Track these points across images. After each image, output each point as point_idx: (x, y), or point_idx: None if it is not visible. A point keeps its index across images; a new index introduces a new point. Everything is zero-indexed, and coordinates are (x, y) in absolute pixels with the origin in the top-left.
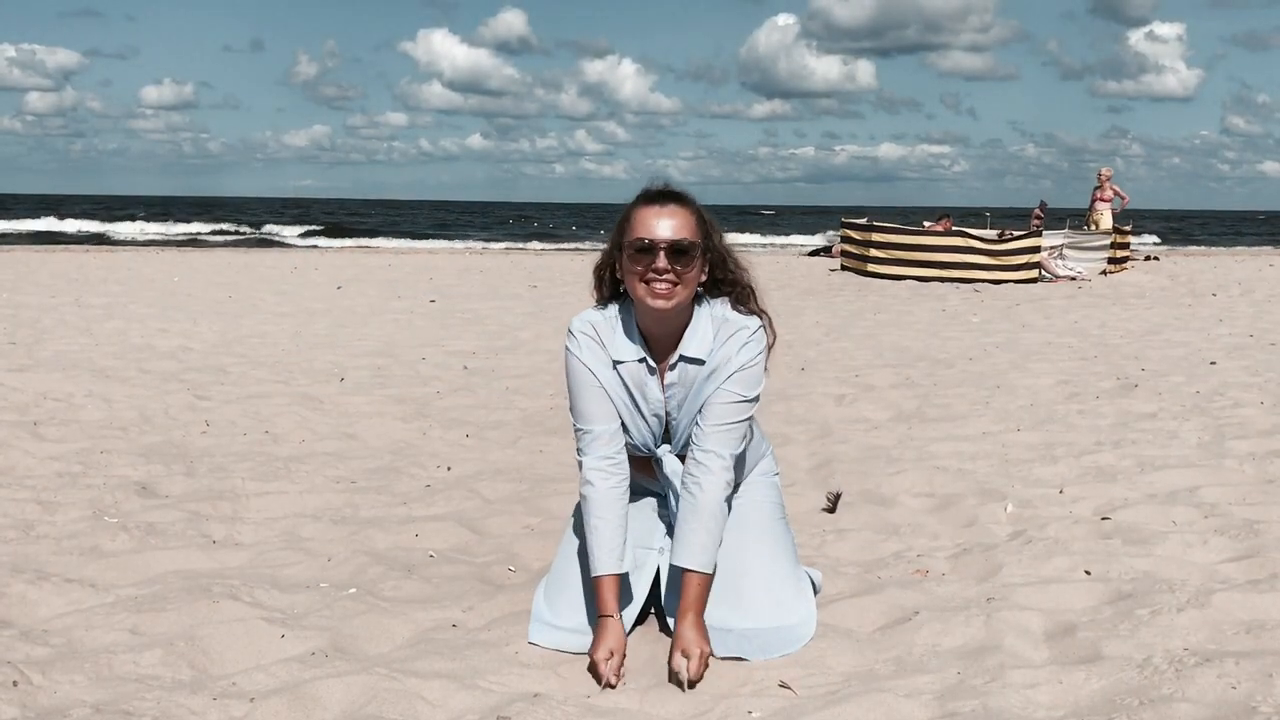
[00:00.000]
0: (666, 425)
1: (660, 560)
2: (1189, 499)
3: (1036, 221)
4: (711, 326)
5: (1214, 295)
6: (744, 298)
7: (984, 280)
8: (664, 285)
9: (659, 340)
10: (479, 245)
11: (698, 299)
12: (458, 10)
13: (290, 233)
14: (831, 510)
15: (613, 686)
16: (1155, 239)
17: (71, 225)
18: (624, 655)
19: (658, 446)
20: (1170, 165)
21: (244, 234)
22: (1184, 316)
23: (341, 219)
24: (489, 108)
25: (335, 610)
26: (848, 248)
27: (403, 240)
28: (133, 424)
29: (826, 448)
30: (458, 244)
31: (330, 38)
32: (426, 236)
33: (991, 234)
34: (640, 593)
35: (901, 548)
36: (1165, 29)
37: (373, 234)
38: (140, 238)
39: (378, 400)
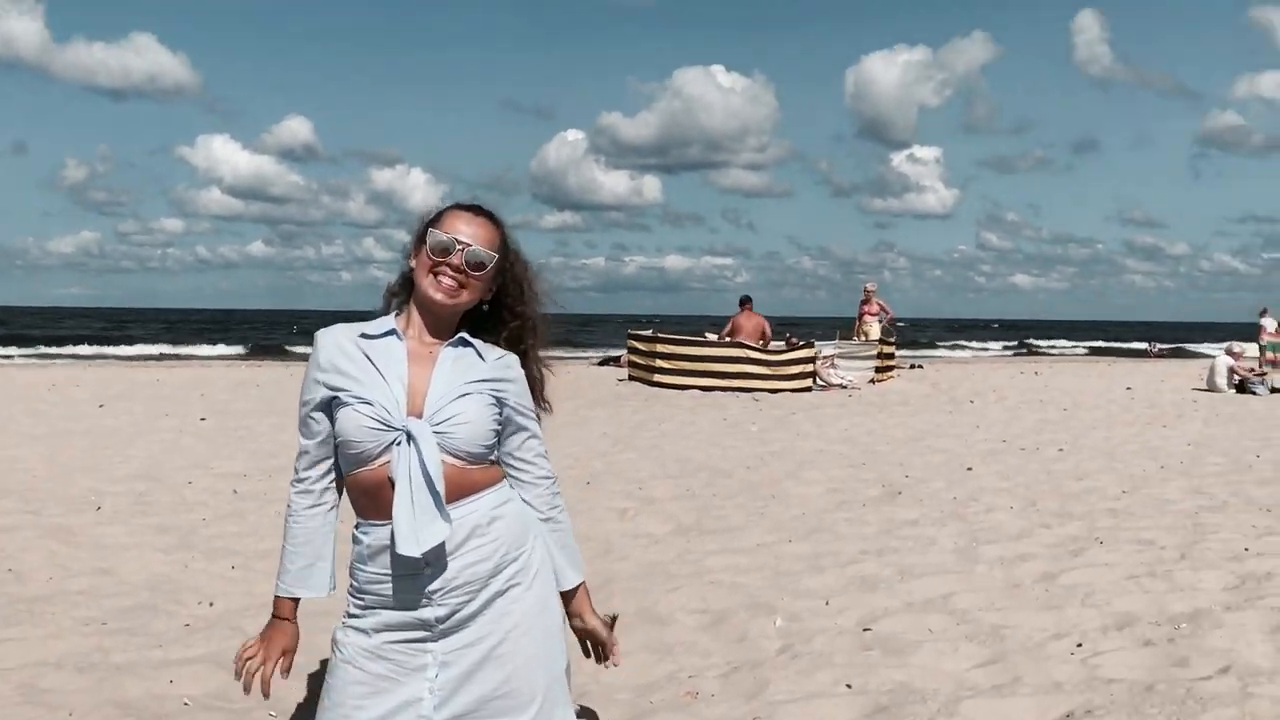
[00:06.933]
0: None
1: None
2: (943, 606)
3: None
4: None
5: (972, 402)
6: (515, 341)
7: (762, 389)
8: (451, 282)
9: (430, 327)
10: (254, 350)
11: (465, 340)
12: (240, 117)
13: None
14: None
15: (246, 689)
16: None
17: None
18: (292, 657)
19: (402, 417)
20: (933, 277)
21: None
22: (944, 423)
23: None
24: (272, 214)
25: None
26: (634, 358)
27: (169, 345)
28: None
29: (607, 566)
30: (238, 348)
31: (103, 142)
32: (208, 343)
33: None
34: None
35: (674, 669)
36: (924, 152)
37: (129, 342)
38: None
39: (137, 530)
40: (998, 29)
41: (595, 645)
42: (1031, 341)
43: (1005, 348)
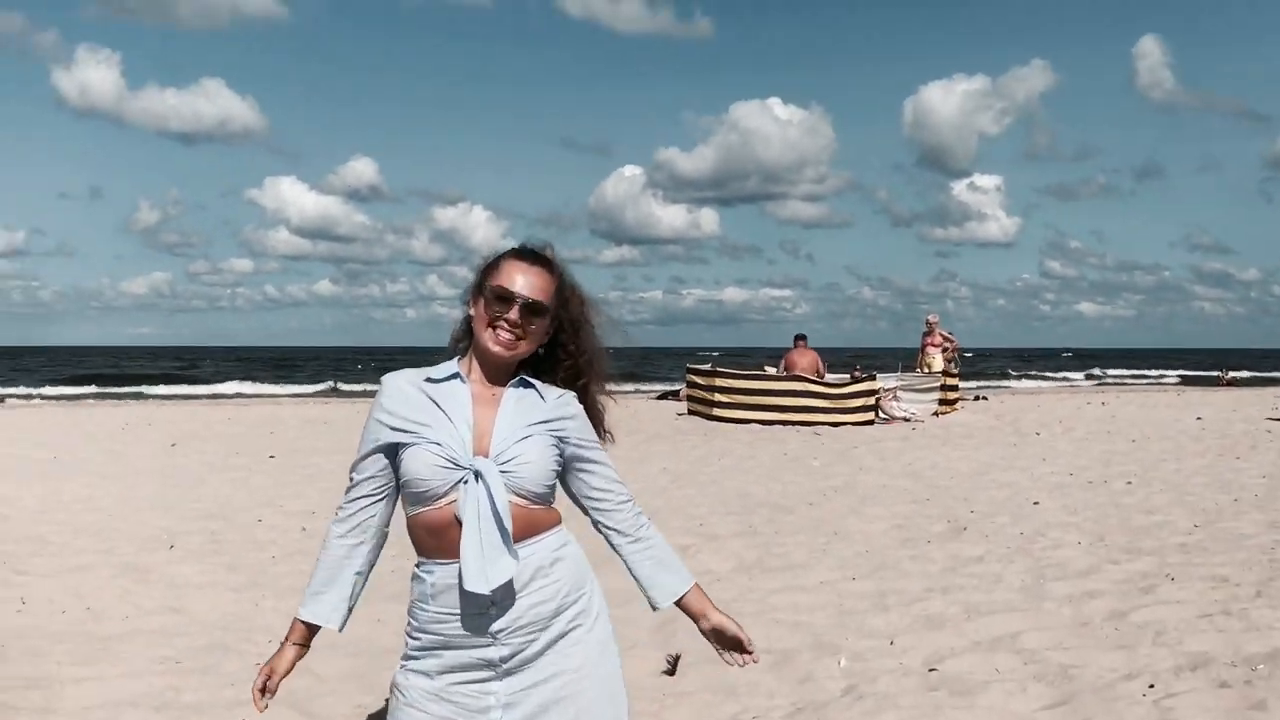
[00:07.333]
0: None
1: None
2: (1010, 645)
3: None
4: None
5: (1037, 434)
6: (573, 378)
7: (823, 423)
8: (509, 335)
9: (489, 373)
10: (324, 391)
11: (526, 380)
12: (306, 159)
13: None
14: (671, 673)
15: (258, 707)
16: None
17: None
18: (281, 677)
19: (469, 458)
20: (996, 306)
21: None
22: (1009, 456)
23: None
24: (338, 253)
25: None
26: (693, 393)
27: (245, 384)
28: None
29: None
30: (307, 387)
31: (174, 186)
32: (277, 381)
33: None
34: None
35: (738, 710)
36: (985, 180)
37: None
38: None
39: (209, 568)
40: (1057, 57)
41: (729, 643)
42: (1112, 371)
43: (1088, 377)
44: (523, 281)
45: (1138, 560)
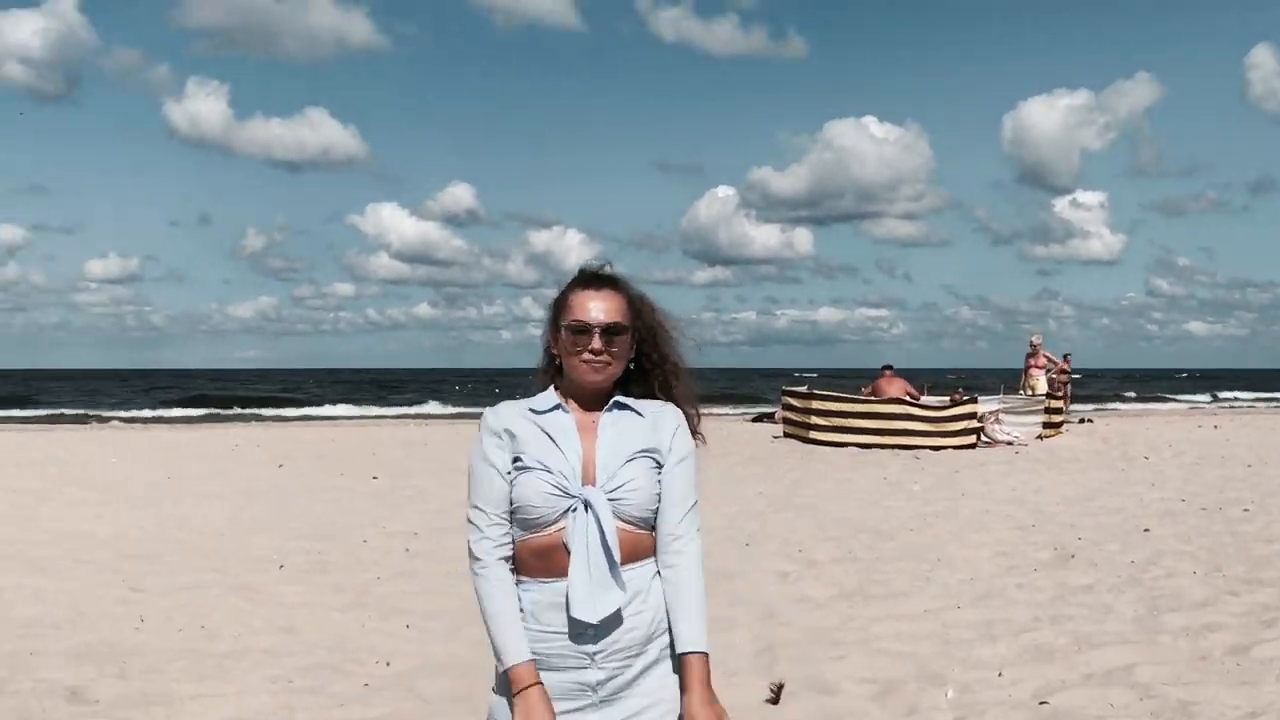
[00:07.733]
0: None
1: None
2: (1124, 679)
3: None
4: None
5: (1146, 458)
6: (666, 387)
7: (924, 446)
8: (598, 362)
9: (585, 401)
10: (426, 412)
11: (620, 403)
12: (406, 185)
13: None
14: (775, 701)
15: None
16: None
17: None
18: None
19: (578, 486)
20: (1100, 326)
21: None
22: (1117, 481)
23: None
24: (436, 277)
25: None
26: (789, 415)
27: (348, 406)
28: (65, 621)
29: (770, 631)
30: (409, 409)
31: (280, 213)
32: (378, 402)
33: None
34: None
35: None
36: (1088, 197)
37: (318, 403)
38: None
39: (316, 588)
40: (1162, 69)
41: None
42: (1240, 395)
43: (1214, 398)
44: (595, 308)
45: (1258, 592)
